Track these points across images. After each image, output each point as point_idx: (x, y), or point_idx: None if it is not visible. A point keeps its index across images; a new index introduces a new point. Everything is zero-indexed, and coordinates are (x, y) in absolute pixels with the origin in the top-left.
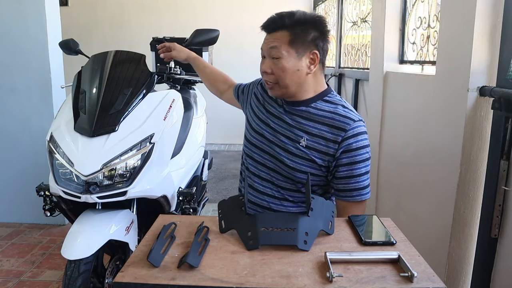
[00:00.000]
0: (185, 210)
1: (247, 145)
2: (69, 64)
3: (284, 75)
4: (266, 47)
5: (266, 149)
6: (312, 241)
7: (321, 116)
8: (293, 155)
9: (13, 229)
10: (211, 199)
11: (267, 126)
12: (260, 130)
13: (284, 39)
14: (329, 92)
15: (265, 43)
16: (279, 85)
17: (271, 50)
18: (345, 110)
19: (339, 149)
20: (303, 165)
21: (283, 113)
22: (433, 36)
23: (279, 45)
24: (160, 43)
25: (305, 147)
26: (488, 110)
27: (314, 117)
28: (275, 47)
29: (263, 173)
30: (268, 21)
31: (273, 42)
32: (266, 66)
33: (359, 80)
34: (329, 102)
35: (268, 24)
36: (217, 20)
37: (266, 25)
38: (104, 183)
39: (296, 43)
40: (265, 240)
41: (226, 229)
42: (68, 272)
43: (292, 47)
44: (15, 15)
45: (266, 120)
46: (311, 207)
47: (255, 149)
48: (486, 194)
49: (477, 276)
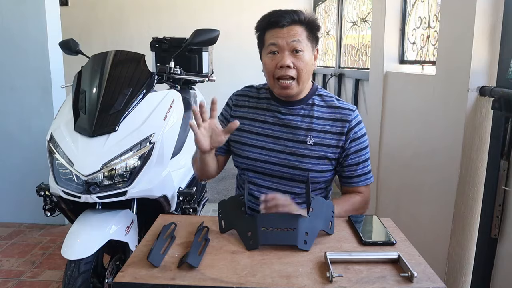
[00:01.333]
0: (185, 210)
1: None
2: (69, 64)
3: (306, 68)
4: (284, 40)
5: (272, 160)
6: (312, 241)
7: (321, 111)
8: (303, 156)
9: (13, 229)
10: (211, 199)
11: (265, 136)
12: (256, 142)
13: (303, 33)
14: (317, 87)
15: (281, 37)
16: (298, 81)
17: (293, 43)
18: (340, 101)
19: (347, 140)
20: (316, 164)
21: (281, 117)
22: (433, 36)
23: (301, 39)
24: (160, 43)
25: (314, 144)
26: (488, 110)
27: (315, 113)
28: (298, 40)
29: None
30: (279, 16)
31: (294, 35)
32: (287, 59)
33: (359, 80)
34: (322, 96)
35: (280, 18)
36: (217, 20)
37: (278, 19)
38: (104, 183)
39: (310, 38)
40: (265, 240)
41: (226, 229)
42: (68, 272)
43: (309, 41)
44: (15, 15)
45: (263, 131)
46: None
47: (257, 163)
48: (486, 194)
49: (477, 276)
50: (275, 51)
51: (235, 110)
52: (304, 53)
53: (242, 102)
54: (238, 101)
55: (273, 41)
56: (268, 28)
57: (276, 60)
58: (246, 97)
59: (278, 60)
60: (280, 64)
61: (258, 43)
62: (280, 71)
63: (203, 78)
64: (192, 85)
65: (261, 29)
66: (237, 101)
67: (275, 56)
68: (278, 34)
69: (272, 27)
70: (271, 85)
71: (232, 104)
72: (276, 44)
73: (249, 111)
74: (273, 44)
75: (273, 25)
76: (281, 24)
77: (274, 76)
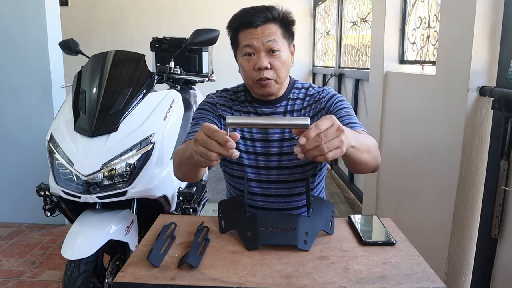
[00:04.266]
0: (185, 210)
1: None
2: (69, 64)
3: (284, 68)
4: (259, 41)
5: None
6: (312, 241)
7: (300, 103)
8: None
9: (13, 229)
10: (211, 199)
11: (257, 141)
12: (249, 149)
13: (278, 31)
14: (295, 80)
15: (255, 38)
16: (276, 82)
17: (269, 43)
18: (314, 88)
19: (326, 110)
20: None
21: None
22: (433, 36)
23: (276, 38)
24: (160, 43)
25: None
26: (488, 110)
27: (296, 107)
28: (274, 40)
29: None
30: (251, 15)
31: (269, 35)
32: (264, 61)
33: (359, 80)
34: (300, 88)
35: (253, 17)
36: (217, 20)
37: (251, 19)
38: (104, 183)
39: (286, 35)
40: (265, 240)
41: (226, 229)
42: (68, 272)
43: (285, 39)
44: (15, 15)
45: (251, 136)
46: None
47: (247, 168)
48: (486, 194)
49: (477, 276)
50: (250, 53)
51: (221, 109)
52: (280, 52)
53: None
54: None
55: (247, 42)
56: (241, 28)
57: (252, 62)
58: (226, 99)
59: (255, 62)
60: (257, 66)
61: (231, 43)
62: (258, 74)
63: (203, 78)
64: (192, 85)
65: (234, 29)
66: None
67: (251, 58)
68: (252, 34)
69: (245, 27)
70: (249, 86)
71: (216, 102)
72: (251, 45)
73: (234, 114)
74: (248, 45)
75: (246, 25)
76: (255, 24)
77: (253, 79)
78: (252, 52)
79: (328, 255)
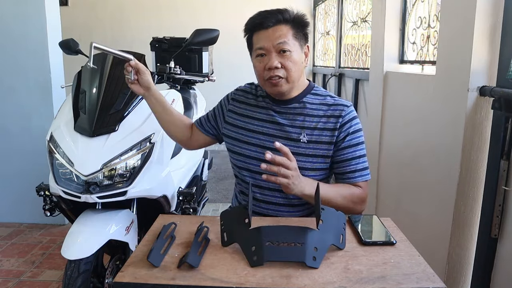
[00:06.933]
0: (185, 210)
1: (240, 159)
2: (69, 64)
3: (295, 68)
4: (270, 42)
5: None
6: (322, 257)
7: (315, 109)
8: (297, 154)
9: (13, 229)
10: (211, 199)
11: (260, 133)
12: (252, 140)
13: (289, 33)
14: (314, 86)
15: (267, 39)
16: (287, 80)
17: (280, 44)
18: (334, 99)
19: (340, 135)
20: (310, 163)
21: (274, 115)
22: (433, 36)
23: (287, 39)
24: (160, 43)
25: (307, 142)
26: (488, 110)
27: (308, 111)
28: (284, 41)
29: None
30: (263, 17)
31: (280, 36)
32: (274, 61)
33: (359, 80)
34: (317, 95)
35: (265, 19)
36: (217, 20)
37: (263, 21)
38: (104, 183)
39: (297, 37)
40: (271, 256)
41: (228, 242)
42: (68, 272)
43: (296, 40)
44: (15, 15)
45: (257, 128)
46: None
47: (253, 160)
48: (486, 194)
49: (477, 276)
50: (262, 54)
51: (233, 104)
52: (291, 52)
53: (242, 98)
54: (239, 97)
55: (260, 44)
56: (255, 30)
57: (264, 62)
58: (246, 93)
59: (266, 62)
60: (268, 66)
61: (247, 45)
62: (268, 73)
63: (203, 78)
64: (192, 85)
65: (248, 31)
66: (237, 96)
67: (263, 59)
68: (264, 36)
69: (258, 29)
70: (262, 85)
71: (231, 98)
72: (262, 47)
73: (247, 108)
74: (260, 48)
75: (258, 27)
76: (266, 25)
77: (264, 78)
78: (264, 53)
79: (328, 255)
